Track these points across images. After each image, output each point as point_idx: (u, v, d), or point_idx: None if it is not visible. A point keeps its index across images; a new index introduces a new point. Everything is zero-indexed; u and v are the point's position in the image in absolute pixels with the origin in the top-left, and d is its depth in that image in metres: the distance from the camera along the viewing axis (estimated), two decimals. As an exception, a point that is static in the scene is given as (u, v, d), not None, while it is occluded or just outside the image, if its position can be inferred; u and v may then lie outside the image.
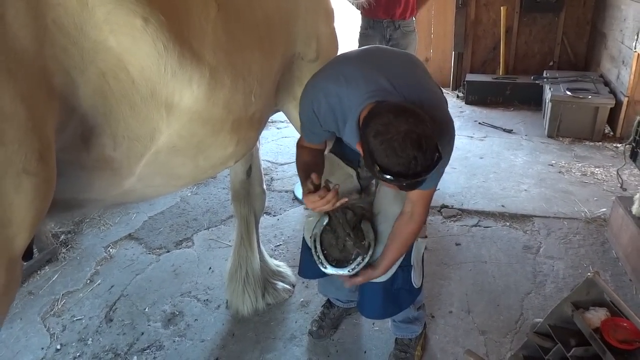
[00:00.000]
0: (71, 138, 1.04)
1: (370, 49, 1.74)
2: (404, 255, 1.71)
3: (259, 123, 1.60)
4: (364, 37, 3.73)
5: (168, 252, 2.96)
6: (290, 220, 3.22)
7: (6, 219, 0.84)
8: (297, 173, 1.79)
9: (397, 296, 1.78)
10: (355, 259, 1.64)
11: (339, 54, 1.83)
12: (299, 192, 3.48)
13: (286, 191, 3.58)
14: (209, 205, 3.48)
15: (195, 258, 2.89)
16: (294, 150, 1.78)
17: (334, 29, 1.95)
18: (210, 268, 2.78)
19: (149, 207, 3.41)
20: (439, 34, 5.45)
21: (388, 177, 1.25)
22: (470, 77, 5.17)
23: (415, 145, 1.22)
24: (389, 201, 1.69)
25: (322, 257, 1.68)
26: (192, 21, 1.14)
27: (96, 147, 1.09)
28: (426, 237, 1.84)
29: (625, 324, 1.49)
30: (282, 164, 4.02)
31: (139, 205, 3.45)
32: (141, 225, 3.24)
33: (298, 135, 1.81)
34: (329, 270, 1.68)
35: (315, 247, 1.70)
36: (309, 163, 1.73)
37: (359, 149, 1.37)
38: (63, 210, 1.30)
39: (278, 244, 2.97)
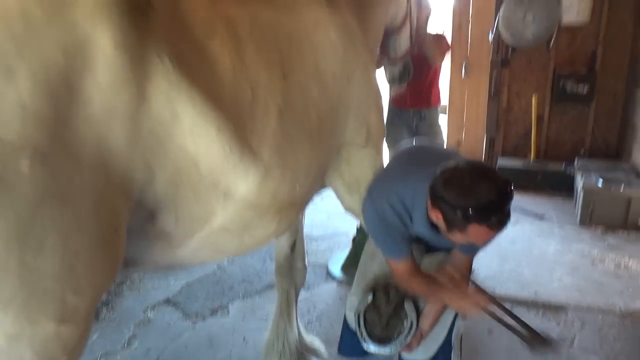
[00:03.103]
0: (141, 214, 1.20)
1: (413, 150, 1.90)
2: (445, 336, 1.77)
3: (302, 205, 1.76)
4: (390, 128, 3.78)
5: (204, 319, 3.04)
6: (323, 294, 3.29)
7: (80, 286, 0.97)
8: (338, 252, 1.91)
9: None
10: (397, 337, 1.71)
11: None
12: (333, 267, 3.57)
13: (319, 265, 3.66)
14: (245, 274, 3.59)
15: (230, 327, 2.96)
16: (328, 223, 1.90)
17: (382, 115, 2.11)
18: (244, 339, 2.84)
19: (187, 273, 3.54)
20: (472, 118, 5.66)
21: (471, 212, 1.33)
22: (502, 161, 5.29)
23: (482, 175, 1.34)
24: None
25: (365, 334, 1.76)
26: (256, 124, 1.33)
27: (160, 223, 1.25)
28: (465, 318, 1.91)
29: None
30: (315, 238, 4.12)
31: (177, 270, 3.58)
32: (179, 290, 3.35)
33: (333, 209, 1.93)
34: (372, 348, 1.74)
35: (359, 324, 1.78)
36: (426, 283, 1.76)
37: (434, 216, 1.47)
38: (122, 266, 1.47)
39: (311, 318, 3.02)
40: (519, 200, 4.87)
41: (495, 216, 1.35)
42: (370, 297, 1.81)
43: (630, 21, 4.79)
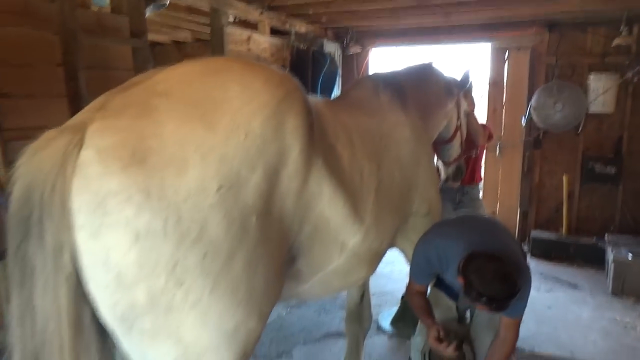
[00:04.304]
0: (288, 257, 1.70)
1: (466, 216, 2.43)
2: None
3: (382, 257, 2.28)
4: None
5: (271, 361, 3.48)
6: (375, 345, 3.68)
7: (268, 299, 1.47)
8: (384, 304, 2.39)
9: None
10: None
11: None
12: (383, 322, 3.98)
13: (371, 320, 4.06)
14: (303, 324, 4.02)
15: (295, 369, 3.38)
16: (374, 283, 2.40)
17: (439, 191, 2.67)
18: (310, 380, 3.25)
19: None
20: (505, 192, 6.13)
21: (483, 300, 1.85)
22: (535, 233, 5.68)
23: (502, 280, 1.85)
24: (483, 329, 2.23)
25: None
26: (362, 199, 1.90)
27: (296, 265, 1.76)
28: None
29: None
30: (365, 296, 4.55)
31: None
32: (247, 336, 3.79)
33: (379, 270, 2.44)
34: (435, 382, 2.18)
35: None
36: (423, 305, 2.36)
37: (460, 281, 1.98)
38: None
39: (367, 366, 3.42)
40: (553, 270, 5.22)
41: (496, 305, 1.88)
42: None
43: (653, 110, 5.30)
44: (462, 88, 3.37)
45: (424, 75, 2.88)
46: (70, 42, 2.74)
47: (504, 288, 1.84)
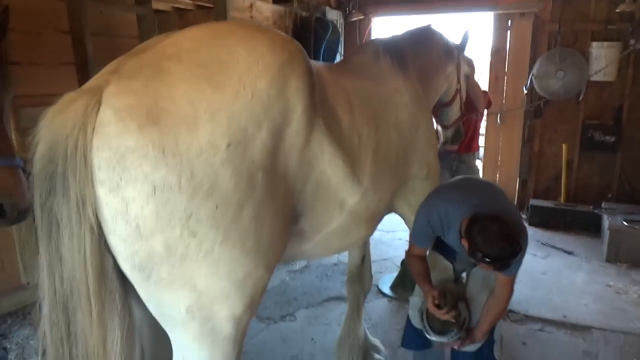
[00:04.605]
0: (291, 215, 1.76)
1: (465, 179, 2.50)
2: (490, 331, 2.30)
3: (380, 218, 2.36)
4: None
5: (275, 322, 3.61)
6: (376, 308, 3.82)
7: (274, 251, 1.56)
8: (377, 270, 2.46)
9: None
10: (454, 330, 2.25)
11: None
12: (383, 286, 4.12)
13: (371, 284, 4.20)
14: (306, 288, 4.16)
15: (299, 330, 3.52)
16: (374, 250, 2.45)
17: (437, 156, 2.74)
18: (312, 339, 3.39)
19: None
20: (505, 161, 6.20)
21: (487, 260, 1.93)
22: (534, 202, 5.77)
23: (505, 240, 1.93)
24: (478, 289, 2.33)
25: (427, 327, 2.30)
26: (360, 160, 1.97)
27: (299, 223, 1.83)
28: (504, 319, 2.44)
29: None
30: (366, 261, 4.68)
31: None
32: (252, 299, 3.94)
33: (379, 238, 2.50)
34: (433, 337, 2.29)
35: (422, 319, 2.32)
36: (422, 271, 2.40)
37: (464, 244, 2.06)
38: None
39: (368, 326, 3.54)
40: (549, 238, 5.33)
41: (500, 265, 1.97)
42: None
43: (654, 79, 5.31)
44: (462, 50, 3.38)
45: (424, 39, 2.91)
46: (77, 8, 2.76)
47: (508, 248, 1.92)
